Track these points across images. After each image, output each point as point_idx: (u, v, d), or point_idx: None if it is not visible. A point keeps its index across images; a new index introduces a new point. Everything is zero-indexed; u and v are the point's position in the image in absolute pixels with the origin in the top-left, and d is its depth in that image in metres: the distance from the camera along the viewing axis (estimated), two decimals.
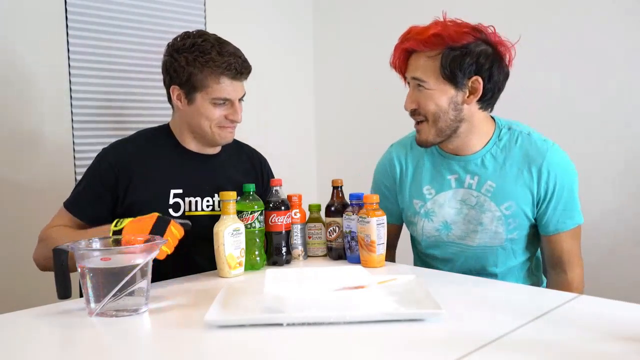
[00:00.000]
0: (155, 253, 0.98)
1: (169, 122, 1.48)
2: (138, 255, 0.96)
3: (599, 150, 1.89)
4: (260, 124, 2.46)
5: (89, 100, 2.10)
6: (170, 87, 1.38)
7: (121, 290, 0.92)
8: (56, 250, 0.99)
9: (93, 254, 0.97)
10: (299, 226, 1.41)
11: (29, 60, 1.94)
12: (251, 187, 1.32)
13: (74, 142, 2.05)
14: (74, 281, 1.03)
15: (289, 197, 1.40)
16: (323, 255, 1.44)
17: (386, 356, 0.76)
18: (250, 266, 1.29)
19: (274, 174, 1.60)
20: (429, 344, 0.80)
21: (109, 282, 0.92)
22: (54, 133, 2.01)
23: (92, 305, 0.94)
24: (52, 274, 1.00)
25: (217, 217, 1.26)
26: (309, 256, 1.44)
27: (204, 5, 2.40)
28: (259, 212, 1.30)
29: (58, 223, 1.35)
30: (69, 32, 2.03)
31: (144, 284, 0.96)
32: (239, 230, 1.23)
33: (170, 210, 1.36)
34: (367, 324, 0.86)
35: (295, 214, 1.40)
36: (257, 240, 1.30)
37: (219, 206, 1.35)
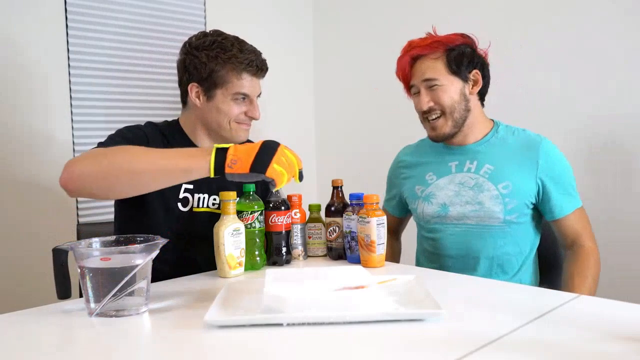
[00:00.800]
0: (155, 253, 0.97)
1: (179, 120, 1.47)
2: (138, 255, 0.95)
3: (598, 150, 1.90)
4: (260, 124, 2.46)
5: (89, 100, 2.10)
6: (188, 84, 1.39)
7: (121, 290, 0.92)
8: (56, 250, 0.99)
9: (93, 253, 0.97)
10: (299, 226, 1.41)
11: (29, 60, 1.95)
12: (251, 187, 1.32)
13: (74, 142, 2.06)
14: (74, 281, 1.03)
15: (289, 197, 1.40)
16: (323, 255, 1.44)
17: (386, 356, 0.76)
18: (250, 266, 1.29)
19: None
20: (429, 344, 0.80)
21: (108, 282, 0.92)
22: (54, 133, 2.01)
23: (92, 305, 0.94)
24: (52, 274, 1.00)
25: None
26: (309, 256, 1.44)
27: (204, 5, 2.41)
28: (259, 212, 1.30)
29: None
30: (69, 32, 2.03)
31: (143, 284, 0.96)
32: (239, 230, 1.23)
33: (179, 205, 1.37)
34: (367, 324, 0.86)
35: (295, 214, 1.40)
36: (257, 240, 1.30)
37: None
